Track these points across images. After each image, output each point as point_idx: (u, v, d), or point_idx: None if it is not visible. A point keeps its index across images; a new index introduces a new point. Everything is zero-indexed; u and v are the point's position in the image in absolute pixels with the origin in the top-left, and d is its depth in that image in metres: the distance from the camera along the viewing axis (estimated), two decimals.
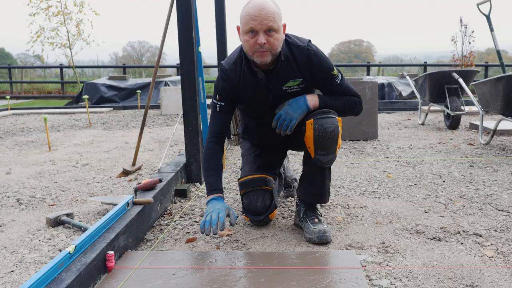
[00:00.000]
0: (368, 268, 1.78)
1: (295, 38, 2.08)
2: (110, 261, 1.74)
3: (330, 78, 2.09)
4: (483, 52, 23.78)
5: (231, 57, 2.13)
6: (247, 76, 2.07)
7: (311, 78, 2.08)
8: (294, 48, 2.04)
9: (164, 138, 5.17)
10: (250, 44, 1.94)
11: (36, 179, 3.31)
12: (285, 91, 2.09)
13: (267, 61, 1.96)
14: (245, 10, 1.94)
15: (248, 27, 1.92)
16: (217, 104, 2.15)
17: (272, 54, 1.96)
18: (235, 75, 2.09)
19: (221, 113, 2.15)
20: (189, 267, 1.78)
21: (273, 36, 1.92)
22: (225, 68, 2.12)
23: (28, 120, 7.41)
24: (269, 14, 1.89)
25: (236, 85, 2.10)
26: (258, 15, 1.89)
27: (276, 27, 1.92)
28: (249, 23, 1.91)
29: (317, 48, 2.07)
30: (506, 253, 1.89)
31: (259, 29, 1.90)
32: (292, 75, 2.06)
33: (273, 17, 1.90)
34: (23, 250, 2.00)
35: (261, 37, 1.90)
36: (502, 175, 3.17)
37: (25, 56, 23.90)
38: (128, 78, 11.54)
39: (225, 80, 2.11)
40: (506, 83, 3.72)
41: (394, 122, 6.32)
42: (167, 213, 2.51)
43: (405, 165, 3.56)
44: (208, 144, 2.16)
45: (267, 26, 1.89)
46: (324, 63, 2.06)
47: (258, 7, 1.90)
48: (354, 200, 2.68)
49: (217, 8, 4.59)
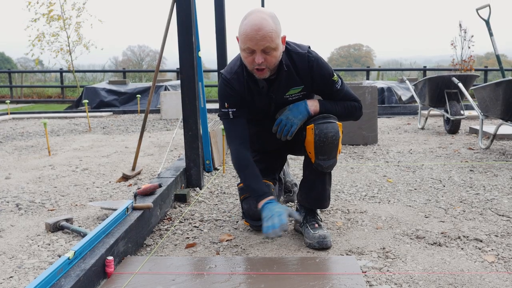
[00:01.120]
0: (369, 273, 1.77)
1: (295, 46, 2.08)
2: (109, 266, 1.73)
3: (330, 84, 2.09)
4: (483, 56, 23.81)
5: (232, 66, 2.13)
6: (250, 84, 2.08)
7: (312, 84, 2.09)
8: (294, 55, 2.05)
9: (164, 142, 5.17)
10: (249, 61, 1.96)
11: (35, 184, 3.30)
12: (287, 99, 2.10)
13: (265, 76, 1.99)
14: (242, 28, 1.92)
15: (246, 46, 1.92)
16: (229, 112, 2.11)
17: (270, 70, 1.97)
18: (238, 83, 2.09)
19: (237, 119, 2.11)
20: (189, 273, 1.77)
21: (270, 54, 1.92)
22: (227, 78, 2.11)
23: (27, 124, 7.41)
24: (266, 35, 1.87)
25: (241, 93, 2.10)
26: (255, 36, 1.87)
27: (273, 46, 1.90)
28: (247, 42, 1.90)
29: (317, 55, 2.08)
30: (507, 259, 1.88)
31: (256, 49, 1.90)
32: (294, 83, 2.07)
33: (270, 37, 1.88)
34: (22, 256, 1.99)
35: (258, 57, 1.91)
36: (502, 179, 3.17)
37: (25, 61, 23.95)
38: (128, 83, 11.56)
39: (230, 88, 2.10)
40: (505, 88, 3.72)
41: (394, 126, 6.32)
42: (166, 218, 2.51)
43: (405, 170, 3.56)
44: (237, 153, 2.09)
45: (264, 47, 1.89)
46: (325, 69, 2.07)
47: (255, 27, 1.87)
48: (354, 205, 2.67)
49: (217, 12, 4.60)
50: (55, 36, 12.87)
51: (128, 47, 38.69)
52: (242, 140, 2.10)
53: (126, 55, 36.14)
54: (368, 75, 13.74)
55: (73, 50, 13.05)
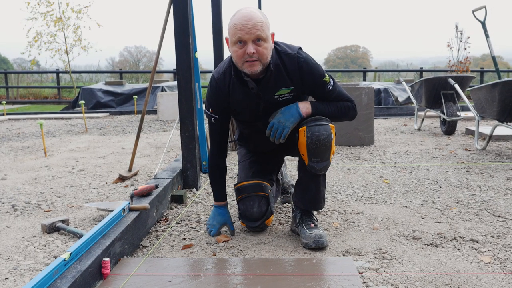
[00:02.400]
0: (365, 274, 1.77)
1: (285, 46, 2.07)
2: (105, 268, 1.73)
3: (321, 85, 2.09)
4: (479, 58, 23.93)
5: (221, 67, 2.15)
6: (236, 85, 2.07)
7: (302, 85, 2.08)
8: (284, 56, 2.04)
9: (161, 143, 5.16)
10: (239, 55, 1.95)
11: (31, 185, 3.29)
12: (276, 99, 2.09)
13: (257, 71, 1.97)
14: (232, 21, 1.95)
15: (236, 37, 1.92)
16: (212, 117, 2.18)
17: (262, 63, 1.96)
18: (223, 84, 2.10)
19: (217, 125, 2.20)
20: (185, 274, 1.77)
21: (262, 46, 1.92)
22: (214, 77, 2.14)
23: (24, 125, 7.39)
24: (256, 23, 1.90)
25: (225, 94, 2.11)
26: (245, 25, 1.89)
27: (264, 36, 1.92)
28: (237, 33, 1.91)
29: (307, 55, 2.07)
30: (502, 259, 1.89)
31: (247, 39, 1.91)
32: (283, 84, 2.06)
33: (261, 26, 1.91)
34: (18, 257, 1.98)
35: (249, 47, 1.91)
36: (498, 180, 3.18)
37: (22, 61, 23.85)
38: (124, 83, 11.54)
39: (215, 91, 2.13)
40: (501, 89, 3.74)
41: (390, 127, 6.33)
42: (163, 219, 2.50)
43: (402, 171, 3.57)
44: (211, 156, 2.26)
45: (255, 36, 1.90)
46: (315, 70, 2.06)
47: (246, 18, 1.90)
48: (350, 206, 2.68)
49: (214, 13, 4.60)
50: (52, 36, 12.85)
51: (125, 48, 38.58)
52: (218, 145, 2.24)
53: (123, 55, 36.10)
54: (365, 76, 13.77)
55: (71, 51, 13.03)
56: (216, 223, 2.25)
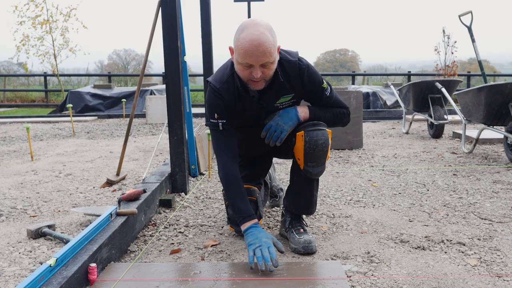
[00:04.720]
0: (353, 278, 1.78)
1: (285, 53, 2.05)
2: (92, 273, 1.71)
3: (320, 92, 2.10)
4: (466, 61, 24.21)
5: (221, 75, 2.07)
6: (241, 93, 2.03)
7: (302, 92, 2.09)
8: (285, 63, 2.03)
9: (149, 147, 5.13)
10: (245, 75, 1.92)
11: (17, 190, 3.25)
12: (277, 107, 2.10)
13: (261, 88, 1.96)
14: (241, 41, 1.85)
15: (244, 61, 1.87)
16: (219, 123, 2.05)
17: (266, 81, 1.95)
18: (229, 93, 2.03)
19: (226, 131, 2.06)
20: (173, 279, 1.75)
21: (268, 67, 1.89)
22: (216, 88, 2.04)
23: (10, 129, 7.30)
24: (266, 50, 1.83)
25: (232, 103, 2.05)
26: (254, 52, 1.82)
27: (272, 60, 1.88)
28: (246, 58, 1.85)
29: (307, 62, 2.07)
30: (489, 262, 1.90)
31: (255, 64, 1.86)
32: (284, 92, 2.06)
33: (269, 53, 1.84)
34: (3, 263, 1.95)
35: (257, 71, 1.87)
36: (484, 183, 3.21)
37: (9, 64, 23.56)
38: (113, 87, 11.46)
39: (220, 99, 2.04)
40: (487, 93, 3.78)
41: (379, 131, 6.37)
42: (151, 224, 2.49)
43: (390, 174, 3.59)
44: (225, 168, 2.03)
45: (263, 62, 1.86)
46: (315, 77, 2.07)
47: (255, 43, 1.82)
48: (339, 210, 2.68)
49: (203, 17, 4.60)
50: (40, 39, 12.73)
51: (114, 51, 38.34)
52: (232, 154, 2.05)
53: (111, 59, 35.88)
54: (354, 80, 13.85)
55: (59, 54, 12.92)
56: (266, 239, 1.88)
